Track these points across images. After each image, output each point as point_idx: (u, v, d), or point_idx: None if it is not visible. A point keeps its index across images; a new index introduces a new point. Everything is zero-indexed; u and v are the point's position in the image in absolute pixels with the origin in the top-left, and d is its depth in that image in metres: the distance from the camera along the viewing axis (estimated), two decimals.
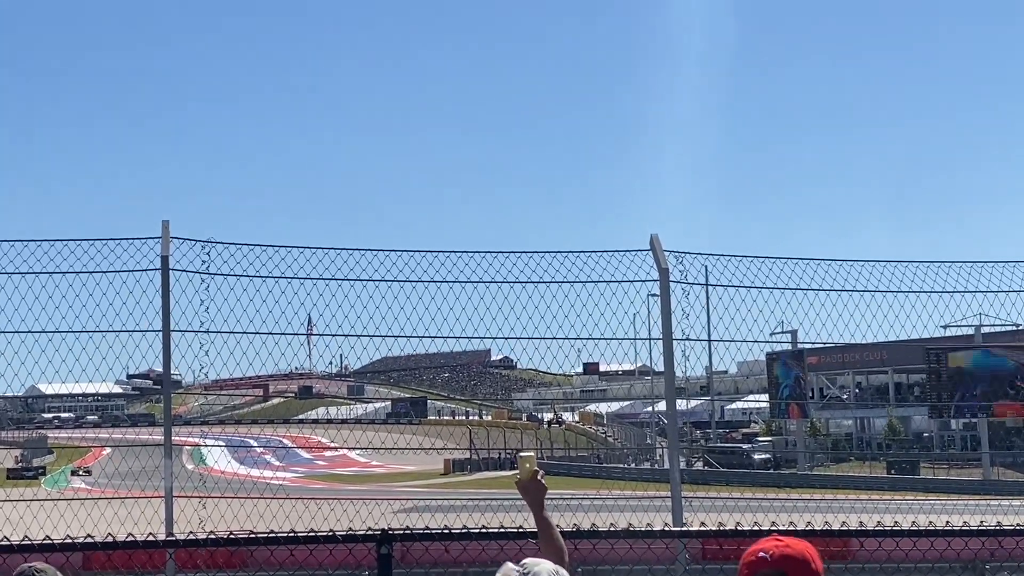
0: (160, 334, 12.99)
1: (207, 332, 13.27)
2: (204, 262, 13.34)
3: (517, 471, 5.64)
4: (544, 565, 4.68)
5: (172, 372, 13.38)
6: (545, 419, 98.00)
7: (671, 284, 13.61)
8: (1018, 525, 7.76)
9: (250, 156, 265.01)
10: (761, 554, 4.25)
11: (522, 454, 5.76)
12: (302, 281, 13.71)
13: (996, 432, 63.55)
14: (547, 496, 5.63)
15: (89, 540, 6.32)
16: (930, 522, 8.66)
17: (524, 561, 4.74)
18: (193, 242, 13.43)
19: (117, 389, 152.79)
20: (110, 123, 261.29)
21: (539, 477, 5.60)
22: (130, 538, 6.14)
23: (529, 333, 14.27)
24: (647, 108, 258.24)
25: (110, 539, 6.22)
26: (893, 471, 58.60)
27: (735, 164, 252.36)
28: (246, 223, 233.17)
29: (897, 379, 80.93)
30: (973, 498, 36.98)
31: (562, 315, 14.20)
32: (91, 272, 13.19)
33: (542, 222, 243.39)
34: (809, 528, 6.90)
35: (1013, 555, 10.27)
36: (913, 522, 7.79)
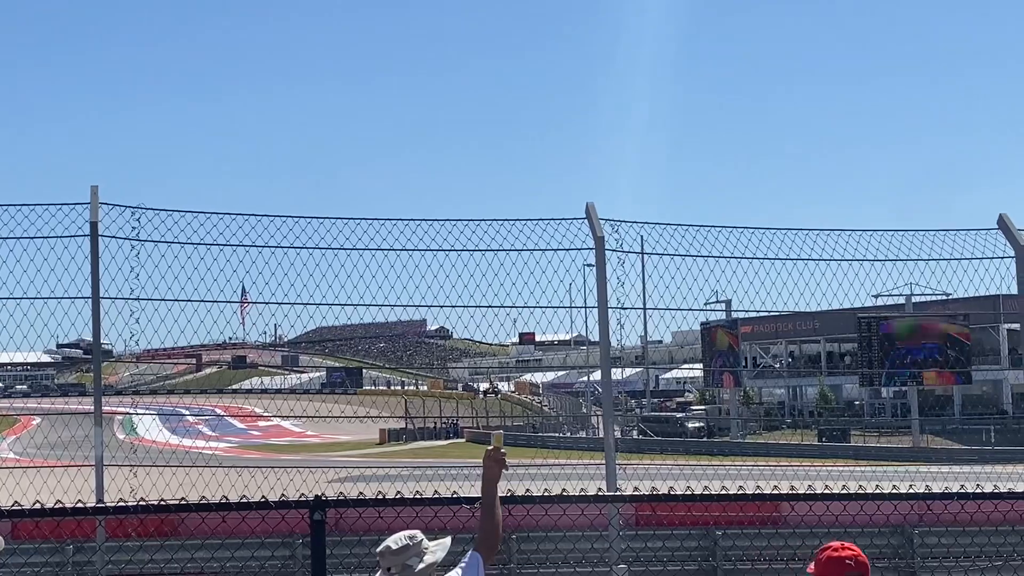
0: (89, 301, 12.81)
1: (137, 299, 13.11)
2: (134, 228, 13.16)
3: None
4: (397, 534, 5.52)
5: (102, 341, 13.19)
6: (481, 389, 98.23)
7: (607, 253, 13.61)
8: (946, 489, 7.86)
9: (180, 122, 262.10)
10: (848, 561, 4.94)
11: (495, 432, 6.16)
12: (234, 248, 13.54)
13: (926, 399, 64.51)
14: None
15: (16, 508, 6.22)
16: (860, 486, 8.77)
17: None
18: (123, 208, 13.23)
19: (46, 358, 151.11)
20: (36, 86, 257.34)
21: (502, 453, 5.89)
22: (58, 505, 6.05)
23: (464, 302, 14.24)
24: (585, 76, 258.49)
25: (38, 507, 6.12)
26: (824, 439, 59.31)
27: (673, 134, 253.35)
28: (177, 189, 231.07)
29: (829, 348, 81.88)
30: (903, 465, 37.50)
31: (497, 283, 14.16)
32: (18, 238, 12.99)
33: (478, 190, 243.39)
34: (741, 493, 6.94)
35: (941, 519, 10.43)
36: (844, 486, 7.87)
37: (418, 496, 7.19)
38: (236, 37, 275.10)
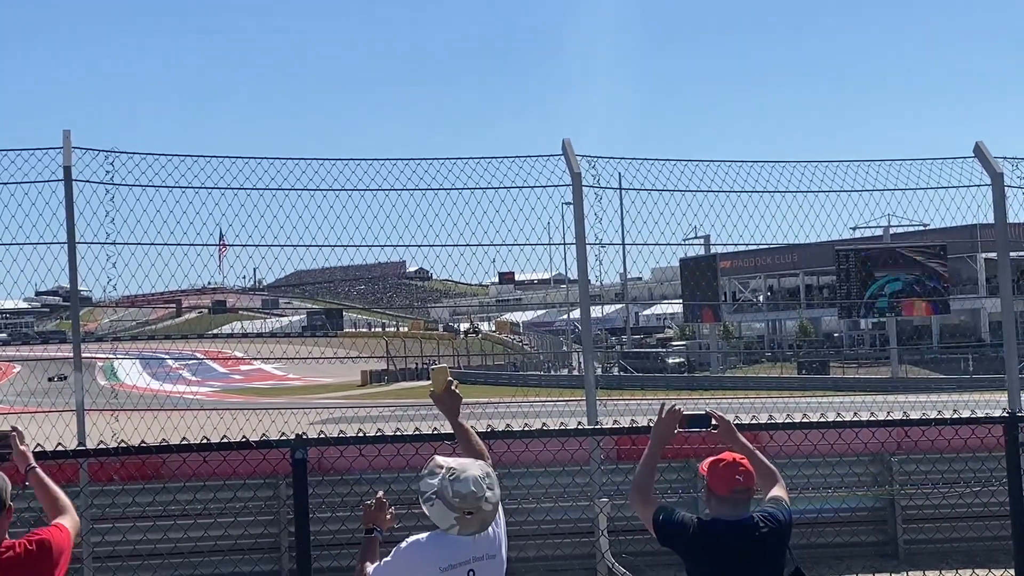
0: (65, 247, 12.71)
1: (113, 244, 13.00)
2: (108, 172, 13.01)
3: (431, 383, 5.67)
4: (472, 470, 4.76)
5: (80, 287, 13.12)
6: (461, 329, 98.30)
7: (584, 189, 13.57)
8: (924, 414, 7.93)
9: (153, 63, 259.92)
10: (738, 477, 5.43)
11: (433, 367, 5.78)
12: (210, 191, 13.42)
13: (904, 330, 64.89)
14: (465, 404, 5.65)
15: None
16: (839, 415, 8.84)
17: (451, 465, 4.77)
18: (96, 152, 13.09)
19: (25, 305, 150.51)
20: (4, 30, 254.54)
21: (453, 387, 5.62)
22: (38, 449, 6.05)
23: (443, 242, 14.18)
24: (558, 14, 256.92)
25: None
26: (804, 371, 59.64)
27: (650, 69, 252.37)
28: (150, 133, 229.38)
29: (808, 281, 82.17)
30: (882, 395, 37.74)
31: (475, 222, 14.10)
32: None
33: (453, 129, 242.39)
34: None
35: (919, 446, 10.51)
36: (822, 415, 7.94)
37: (399, 434, 7.22)
38: None
